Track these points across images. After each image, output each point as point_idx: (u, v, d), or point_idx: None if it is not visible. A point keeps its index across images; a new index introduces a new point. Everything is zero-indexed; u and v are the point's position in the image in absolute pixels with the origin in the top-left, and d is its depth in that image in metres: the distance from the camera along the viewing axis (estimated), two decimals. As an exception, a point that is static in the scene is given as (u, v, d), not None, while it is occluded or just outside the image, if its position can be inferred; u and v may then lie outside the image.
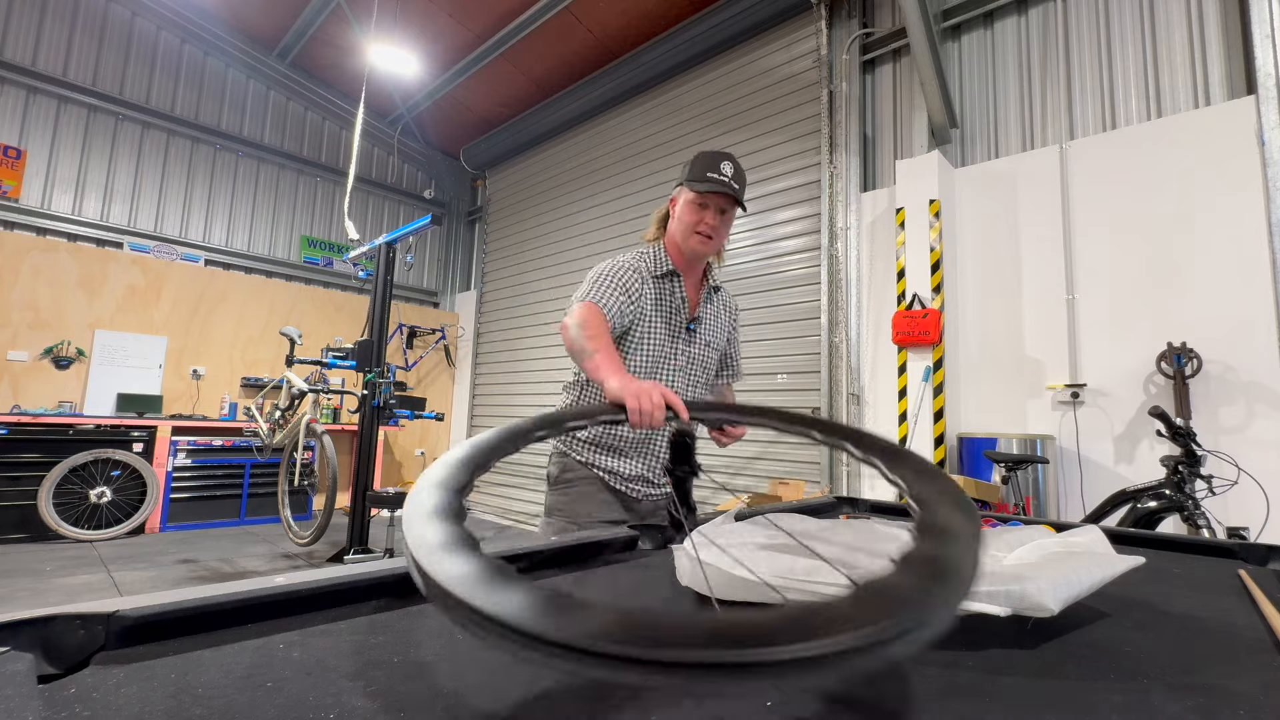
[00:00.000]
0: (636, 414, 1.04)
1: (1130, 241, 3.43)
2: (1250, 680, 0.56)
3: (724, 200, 1.51)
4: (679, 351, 1.59)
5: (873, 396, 4.27)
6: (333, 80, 7.44)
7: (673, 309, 1.59)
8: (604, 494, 1.58)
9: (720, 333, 1.70)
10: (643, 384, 1.10)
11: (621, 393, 1.09)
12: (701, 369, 1.65)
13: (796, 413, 0.89)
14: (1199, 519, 2.49)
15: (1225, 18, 3.28)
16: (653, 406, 1.04)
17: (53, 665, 0.50)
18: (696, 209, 1.52)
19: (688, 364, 1.61)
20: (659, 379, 1.56)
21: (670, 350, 1.58)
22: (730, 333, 1.76)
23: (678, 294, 1.59)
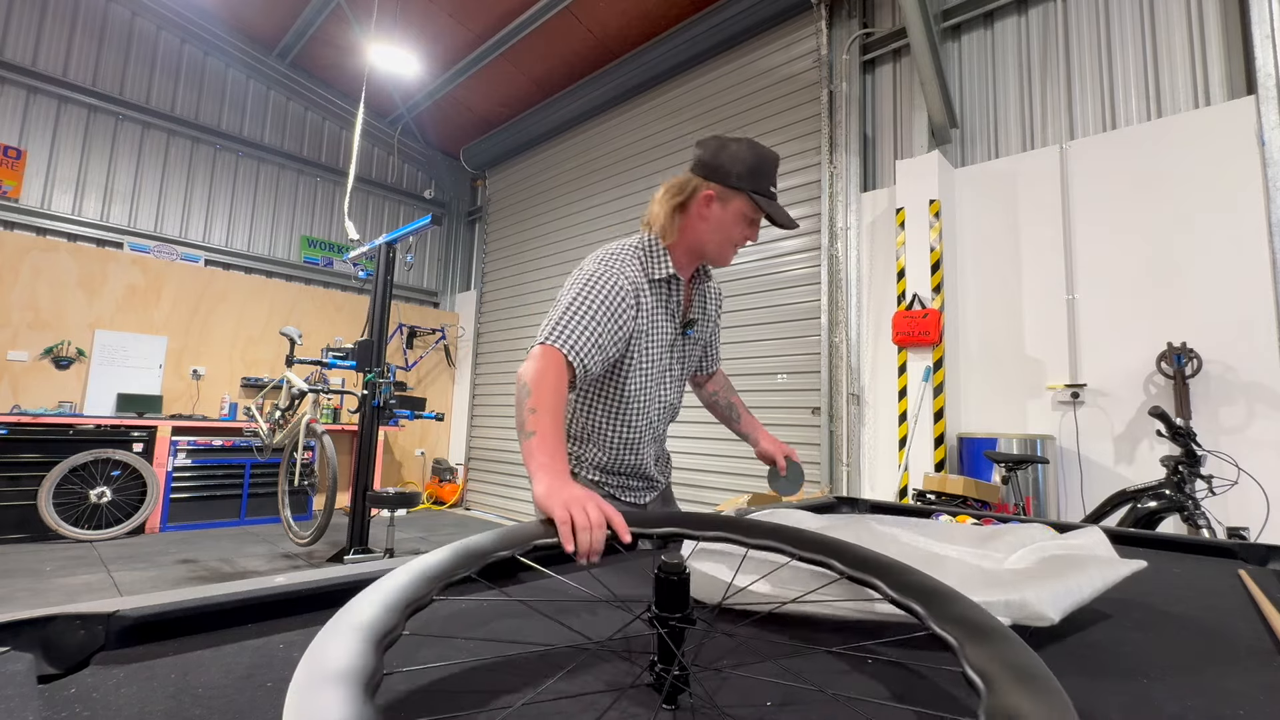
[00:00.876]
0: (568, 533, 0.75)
1: (1130, 241, 3.43)
2: (1250, 680, 0.56)
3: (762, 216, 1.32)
4: (675, 360, 1.42)
5: (873, 396, 4.27)
6: (333, 80, 7.44)
7: (669, 315, 1.37)
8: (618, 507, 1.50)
9: (709, 326, 1.54)
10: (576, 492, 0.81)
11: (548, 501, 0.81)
12: (688, 373, 1.52)
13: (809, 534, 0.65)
14: (1199, 519, 2.49)
15: (1225, 18, 3.28)
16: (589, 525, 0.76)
17: (53, 665, 0.50)
18: (747, 224, 1.31)
19: (682, 371, 1.46)
20: (658, 396, 1.39)
21: (668, 362, 1.40)
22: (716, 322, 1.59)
23: (675, 298, 1.38)
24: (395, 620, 0.43)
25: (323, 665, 0.36)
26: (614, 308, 1.21)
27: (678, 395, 1.47)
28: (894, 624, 0.67)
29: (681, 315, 1.41)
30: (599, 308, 1.18)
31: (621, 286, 1.24)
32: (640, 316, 1.29)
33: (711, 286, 1.53)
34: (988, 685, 0.39)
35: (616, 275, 1.25)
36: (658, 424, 1.45)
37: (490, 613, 0.70)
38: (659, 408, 1.42)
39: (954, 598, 0.50)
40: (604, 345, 1.19)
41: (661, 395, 1.41)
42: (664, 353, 1.38)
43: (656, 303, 1.34)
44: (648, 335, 1.32)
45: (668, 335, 1.37)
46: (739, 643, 0.61)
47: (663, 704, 0.46)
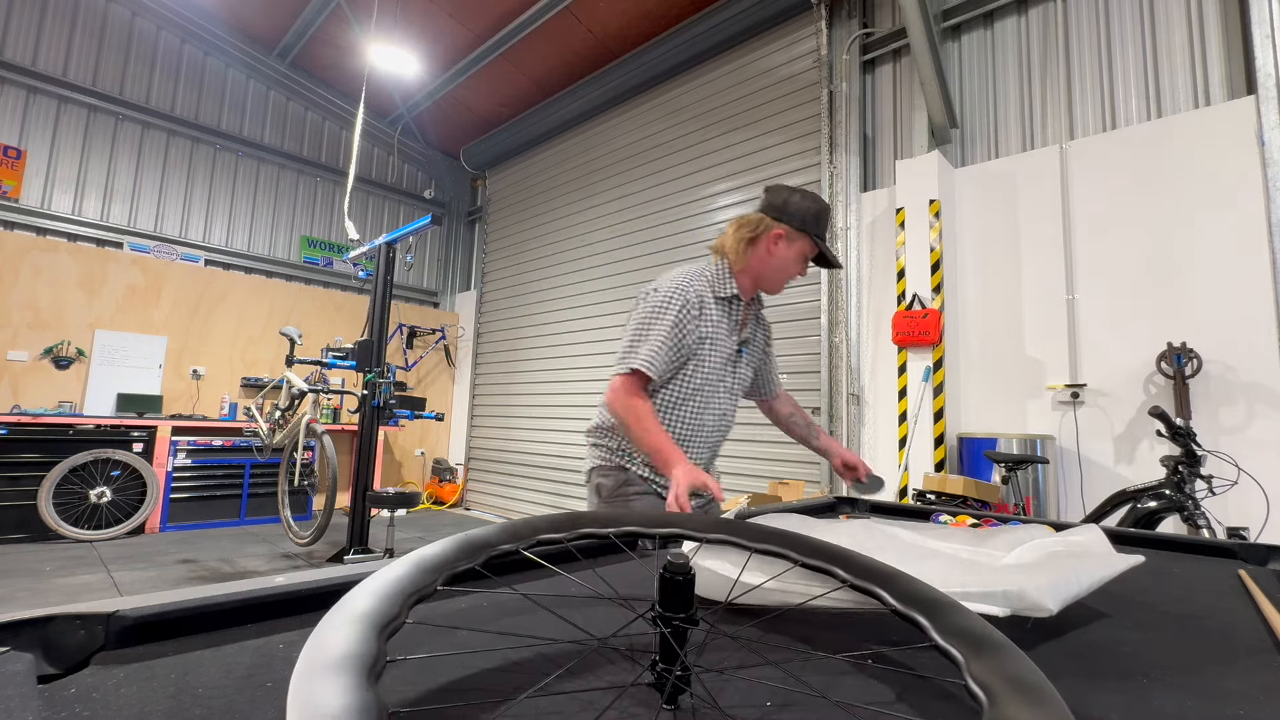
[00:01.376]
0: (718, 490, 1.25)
1: (1130, 241, 3.43)
2: (1250, 680, 0.56)
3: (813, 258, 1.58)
4: (728, 374, 1.60)
5: (873, 396, 4.27)
6: (333, 80, 7.44)
7: (729, 330, 1.58)
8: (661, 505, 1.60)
9: (759, 352, 1.71)
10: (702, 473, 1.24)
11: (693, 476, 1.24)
12: (741, 388, 1.67)
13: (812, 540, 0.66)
14: (1199, 519, 2.49)
15: (1225, 18, 3.28)
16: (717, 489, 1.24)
17: (53, 665, 0.50)
18: (803, 262, 1.55)
19: (734, 386, 1.63)
20: (714, 403, 1.58)
21: (722, 374, 1.58)
22: (766, 348, 1.76)
23: (734, 317, 1.59)
24: (397, 608, 0.43)
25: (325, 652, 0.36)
26: (681, 318, 1.46)
27: (732, 409, 1.64)
28: (896, 625, 0.67)
29: (739, 334, 1.61)
30: (668, 321, 1.45)
31: (688, 299, 1.49)
32: (704, 324, 1.51)
33: (763, 314, 1.73)
34: (989, 698, 0.39)
35: (685, 290, 1.49)
36: (711, 432, 1.61)
37: (493, 608, 0.70)
38: (714, 415, 1.60)
39: (957, 609, 0.50)
40: (671, 353, 1.46)
41: (717, 403, 1.58)
42: (723, 363, 1.57)
43: (720, 316, 1.55)
44: (711, 342, 1.53)
45: (728, 349, 1.57)
46: (741, 644, 0.61)
47: (664, 704, 0.46)
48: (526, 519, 0.71)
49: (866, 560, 0.61)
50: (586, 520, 0.73)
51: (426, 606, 0.69)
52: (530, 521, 0.70)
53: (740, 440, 4.85)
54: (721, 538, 0.69)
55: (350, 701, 0.31)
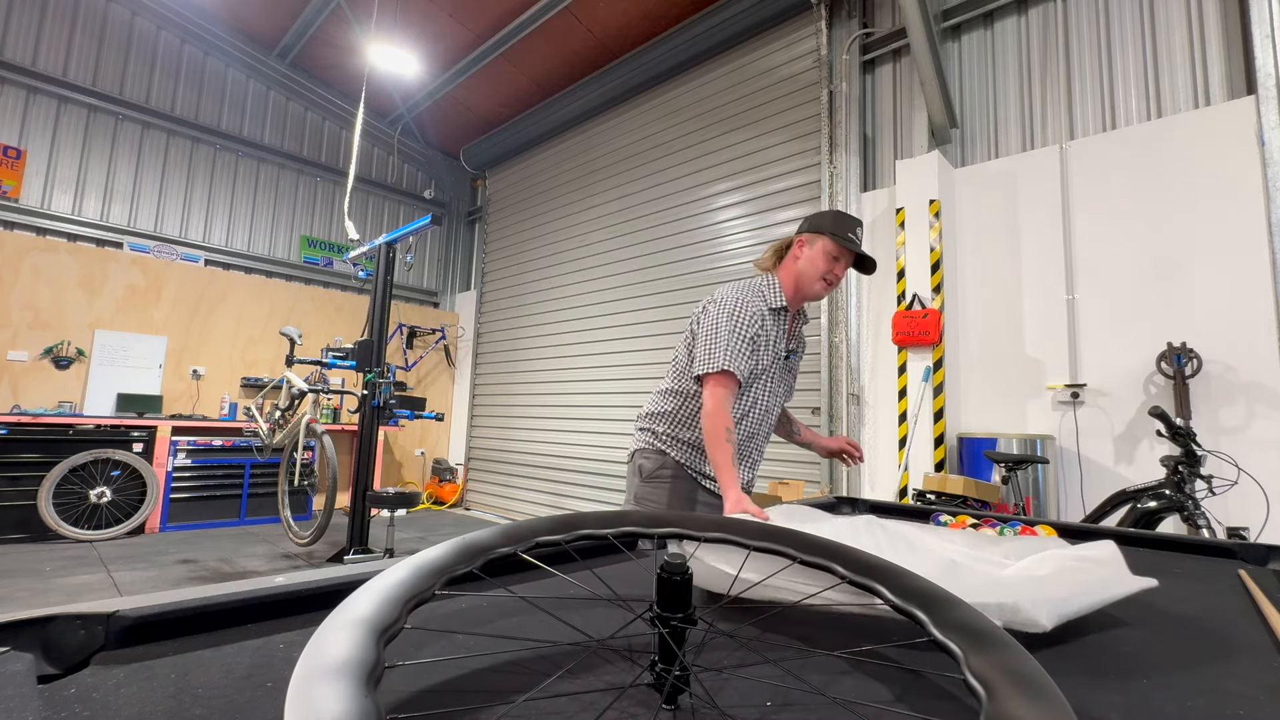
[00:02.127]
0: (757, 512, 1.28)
1: (1130, 241, 3.43)
2: (1250, 680, 0.56)
3: (852, 259, 1.68)
4: (778, 379, 1.74)
5: (873, 396, 4.27)
6: (333, 80, 7.44)
7: (778, 337, 1.72)
8: (696, 494, 1.72)
9: (800, 358, 1.84)
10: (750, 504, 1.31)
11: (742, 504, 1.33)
12: (786, 389, 1.81)
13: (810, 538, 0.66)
14: (1199, 519, 2.49)
15: (1225, 18, 3.28)
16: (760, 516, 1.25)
17: (53, 665, 0.50)
18: (831, 260, 1.65)
19: (777, 385, 1.75)
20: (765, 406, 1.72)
21: (773, 378, 1.72)
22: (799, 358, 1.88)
23: (783, 325, 1.73)
24: (396, 613, 0.43)
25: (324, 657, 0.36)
26: (754, 332, 1.63)
27: (775, 407, 1.75)
28: (894, 622, 0.67)
29: (786, 342, 1.74)
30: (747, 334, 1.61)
31: (759, 309, 1.66)
32: (764, 328, 1.66)
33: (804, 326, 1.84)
34: (988, 692, 0.39)
35: (753, 301, 1.66)
36: (765, 437, 1.76)
37: (492, 610, 0.70)
38: (769, 421, 1.75)
39: (955, 604, 0.51)
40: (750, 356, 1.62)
41: (769, 406, 1.73)
42: (775, 368, 1.72)
43: (773, 326, 1.70)
44: (769, 350, 1.68)
45: (773, 352, 1.71)
46: (740, 643, 0.61)
47: (663, 704, 0.46)
48: (524, 521, 0.71)
49: (864, 556, 0.61)
50: (584, 522, 0.73)
51: (426, 608, 0.69)
52: (528, 524, 0.70)
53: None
54: (720, 536, 0.69)
55: (348, 708, 0.31)
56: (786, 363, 1.77)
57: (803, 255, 1.70)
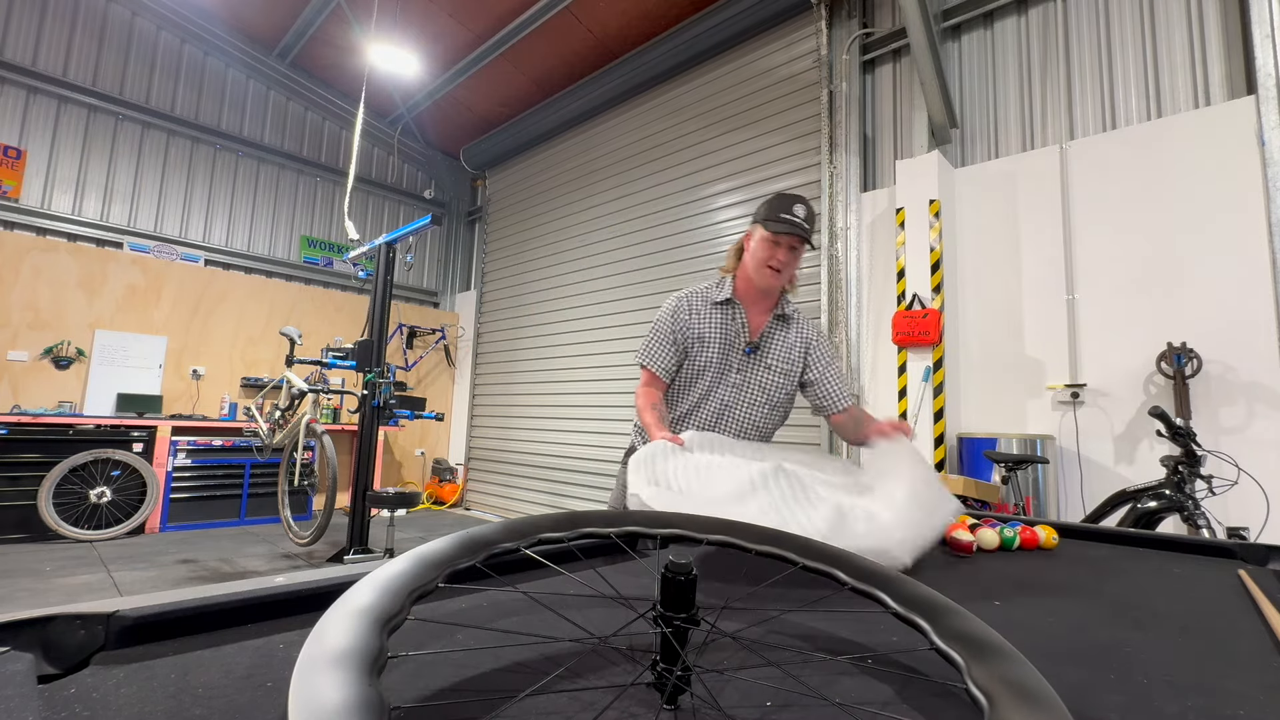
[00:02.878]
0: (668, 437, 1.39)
1: (1130, 241, 3.43)
2: (1250, 680, 0.56)
3: (794, 239, 1.66)
4: (736, 370, 1.74)
5: (873, 397, 4.27)
6: (333, 80, 7.44)
7: (732, 333, 1.74)
8: None
9: (790, 359, 1.77)
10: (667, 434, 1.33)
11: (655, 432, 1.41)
12: (761, 390, 1.75)
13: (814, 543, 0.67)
14: (1199, 519, 2.49)
15: (1225, 18, 3.28)
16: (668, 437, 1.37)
17: (53, 665, 0.50)
18: (769, 246, 1.67)
19: (744, 383, 1.74)
20: (711, 390, 1.74)
21: (722, 369, 1.74)
22: (810, 360, 1.78)
23: (738, 319, 1.74)
24: (399, 604, 0.43)
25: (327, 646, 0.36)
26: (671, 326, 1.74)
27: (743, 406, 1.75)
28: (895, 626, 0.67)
29: (747, 336, 1.75)
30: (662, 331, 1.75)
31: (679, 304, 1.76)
32: (693, 324, 1.74)
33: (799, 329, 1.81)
34: (990, 703, 0.39)
35: (679, 299, 1.77)
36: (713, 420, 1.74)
37: (493, 607, 0.70)
38: (715, 404, 1.74)
39: (957, 613, 0.51)
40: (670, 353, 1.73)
41: (719, 395, 1.73)
42: (721, 359, 1.73)
43: (718, 318, 1.75)
44: (704, 340, 1.73)
45: (726, 347, 1.73)
46: (741, 644, 0.61)
47: (664, 704, 0.46)
48: (528, 518, 0.71)
49: (867, 563, 0.61)
50: (587, 520, 0.73)
51: (428, 605, 0.69)
52: (532, 520, 0.70)
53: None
54: (722, 539, 0.69)
55: (352, 696, 0.31)
56: (752, 359, 1.74)
57: (749, 249, 1.74)
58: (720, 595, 0.75)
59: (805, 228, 1.65)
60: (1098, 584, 0.92)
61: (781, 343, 1.77)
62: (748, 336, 1.74)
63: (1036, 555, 1.13)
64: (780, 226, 1.64)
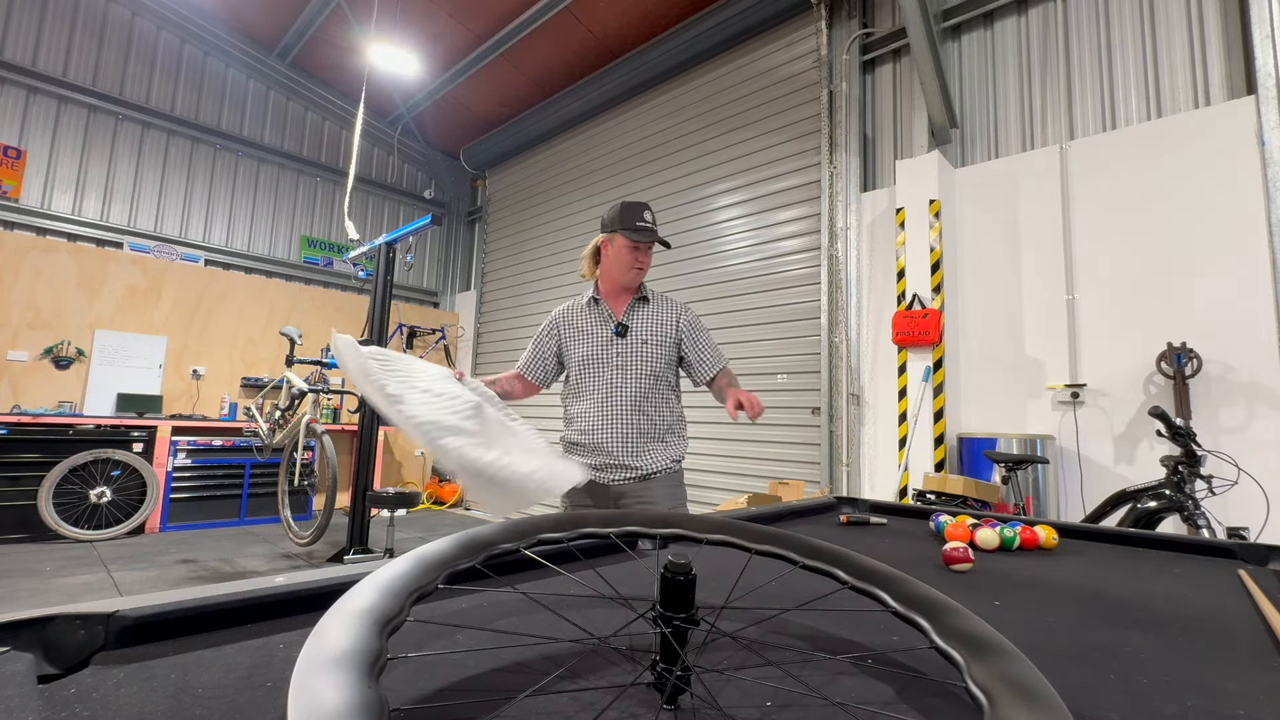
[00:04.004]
0: None
1: (1130, 241, 3.43)
2: (1250, 680, 0.56)
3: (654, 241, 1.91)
4: (612, 352, 1.92)
5: (873, 396, 4.27)
6: (333, 80, 7.44)
7: (601, 323, 1.95)
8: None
9: (659, 331, 1.95)
10: None
11: None
12: (643, 363, 1.91)
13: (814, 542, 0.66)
14: (1199, 519, 2.49)
15: (1225, 18, 3.28)
16: None
17: (53, 665, 0.50)
18: (631, 251, 1.89)
19: (624, 361, 1.91)
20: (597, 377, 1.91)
21: (602, 353, 1.92)
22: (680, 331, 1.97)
23: (604, 312, 1.96)
24: (399, 605, 0.43)
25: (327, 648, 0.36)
26: (540, 335, 2.02)
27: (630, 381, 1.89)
28: (896, 625, 0.67)
29: (614, 320, 1.94)
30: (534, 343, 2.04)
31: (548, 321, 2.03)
32: (565, 329, 1.98)
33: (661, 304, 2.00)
34: (990, 701, 0.39)
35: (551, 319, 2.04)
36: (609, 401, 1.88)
37: (493, 607, 0.70)
38: (604, 390, 1.90)
39: (957, 612, 0.51)
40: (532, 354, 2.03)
41: (606, 378, 1.90)
42: (598, 348, 1.93)
43: (590, 317, 1.97)
44: (575, 339, 1.96)
45: (598, 335, 1.94)
46: (741, 644, 0.61)
47: (664, 704, 0.46)
48: (528, 518, 0.71)
49: (867, 562, 0.61)
50: (587, 520, 0.73)
51: (428, 606, 0.69)
52: (531, 521, 0.70)
53: (740, 440, 4.85)
54: (722, 538, 0.69)
55: (352, 697, 0.31)
56: (626, 339, 1.92)
57: (609, 255, 1.94)
58: (720, 595, 0.75)
59: (656, 232, 1.89)
60: (1098, 584, 0.92)
61: (649, 319, 1.95)
62: (614, 322, 1.94)
63: (1036, 555, 1.13)
64: (640, 236, 1.85)
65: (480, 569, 0.55)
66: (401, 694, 0.47)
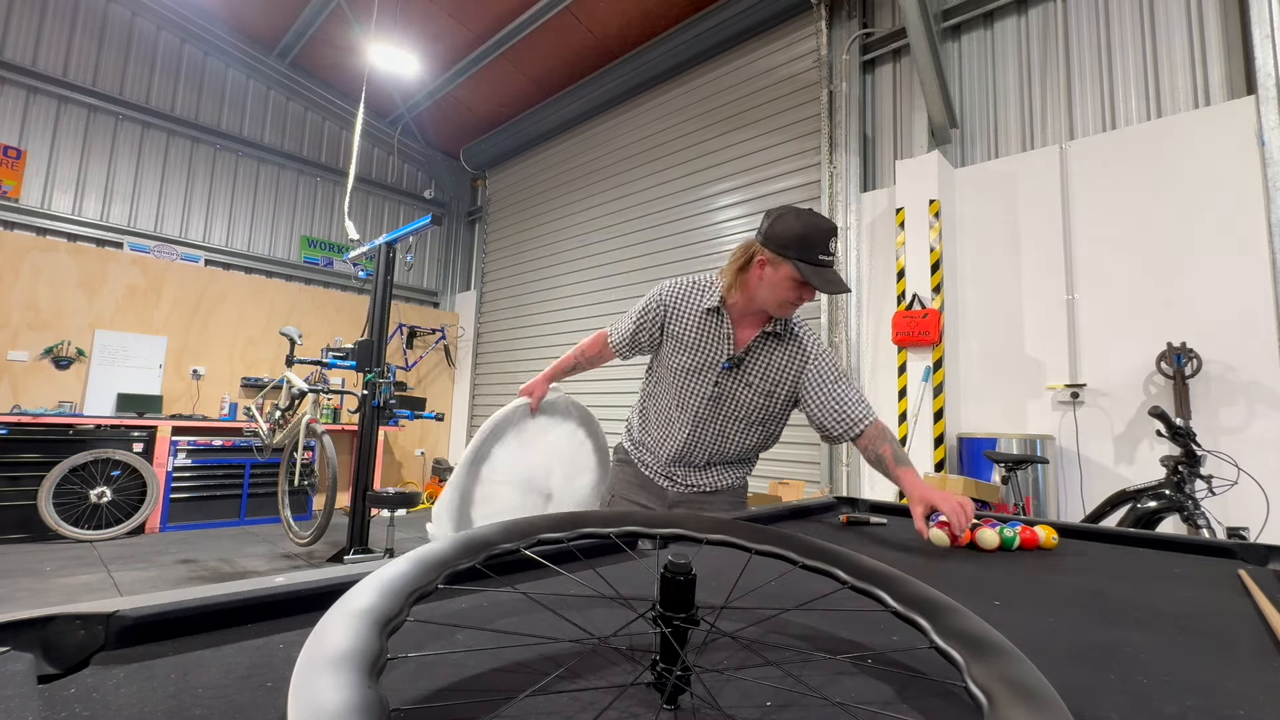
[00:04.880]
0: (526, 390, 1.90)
1: (1130, 241, 3.43)
2: (1250, 680, 0.56)
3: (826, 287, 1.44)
4: (709, 381, 1.59)
5: (873, 396, 4.27)
6: (333, 80, 7.44)
7: (714, 340, 1.58)
8: (636, 478, 1.75)
9: (775, 380, 1.58)
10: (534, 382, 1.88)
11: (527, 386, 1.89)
12: (738, 407, 1.59)
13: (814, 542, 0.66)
14: (1199, 519, 2.49)
15: (1225, 18, 3.28)
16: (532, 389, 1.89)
17: (53, 665, 0.50)
18: (796, 286, 1.45)
19: (718, 396, 1.59)
20: (681, 400, 1.63)
21: (698, 377, 1.60)
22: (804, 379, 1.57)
23: (724, 329, 1.58)
24: (399, 605, 0.43)
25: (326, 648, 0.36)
26: (644, 310, 1.70)
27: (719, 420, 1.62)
28: (896, 625, 0.67)
29: (729, 348, 1.58)
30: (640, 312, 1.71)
31: (662, 297, 1.68)
32: (674, 323, 1.64)
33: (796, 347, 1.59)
34: (990, 701, 0.39)
35: (664, 290, 1.69)
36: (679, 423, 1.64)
37: (492, 607, 0.70)
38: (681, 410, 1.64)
39: (957, 611, 0.51)
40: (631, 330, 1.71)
41: (685, 399, 1.62)
42: (694, 364, 1.61)
43: (700, 323, 1.61)
44: (677, 340, 1.64)
45: (704, 354, 1.60)
46: (741, 644, 0.61)
47: (664, 704, 0.46)
48: (527, 518, 0.71)
49: (867, 562, 0.61)
50: (587, 520, 0.73)
51: (427, 606, 0.69)
52: (531, 521, 0.70)
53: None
54: (722, 538, 0.69)
55: (352, 698, 0.31)
56: (731, 374, 1.57)
57: (765, 277, 1.49)
58: (720, 595, 0.75)
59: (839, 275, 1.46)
60: (1098, 584, 0.92)
61: (767, 360, 1.58)
62: (731, 350, 1.57)
63: (1036, 555, 1.13)
64: (818, 278, 1.41)
65: (480, 569, 0.55)
66: (401, 694, 0.47)
